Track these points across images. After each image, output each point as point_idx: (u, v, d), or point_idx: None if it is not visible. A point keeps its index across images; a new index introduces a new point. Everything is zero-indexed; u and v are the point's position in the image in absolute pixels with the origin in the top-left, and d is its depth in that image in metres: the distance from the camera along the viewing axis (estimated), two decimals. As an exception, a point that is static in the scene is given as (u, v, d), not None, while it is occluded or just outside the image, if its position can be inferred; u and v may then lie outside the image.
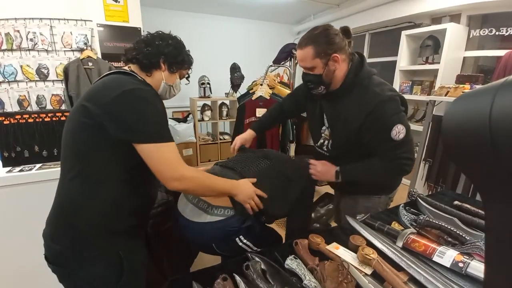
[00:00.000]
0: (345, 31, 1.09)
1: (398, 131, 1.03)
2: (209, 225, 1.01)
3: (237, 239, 1.03)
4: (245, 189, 1.02)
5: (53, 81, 2.72)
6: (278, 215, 1.21)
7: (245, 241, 1.04)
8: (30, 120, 1.69)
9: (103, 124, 0.80)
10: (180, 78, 1.07)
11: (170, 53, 0.96)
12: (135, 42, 0.97)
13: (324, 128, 1.27)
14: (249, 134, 1.44)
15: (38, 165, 1.56)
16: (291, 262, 0.83)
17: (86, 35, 2.73)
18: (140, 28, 2.93)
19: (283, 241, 1.21)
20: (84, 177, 0.84)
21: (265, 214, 1.10)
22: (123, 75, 0.90)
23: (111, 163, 0.84)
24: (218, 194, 1.00)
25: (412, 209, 1.18)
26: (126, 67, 0.97)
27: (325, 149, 1.28)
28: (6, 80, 2.56)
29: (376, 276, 0.80)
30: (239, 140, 1.41)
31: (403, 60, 3.47)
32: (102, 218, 0.85)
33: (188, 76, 1.11)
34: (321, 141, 1.30)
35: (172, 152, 0.85)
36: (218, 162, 1.26)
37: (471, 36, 3.03)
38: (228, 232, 1.02)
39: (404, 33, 3.37)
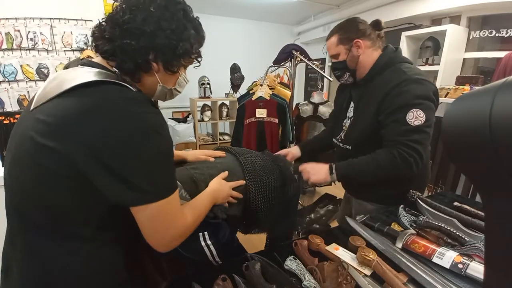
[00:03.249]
0: (376, 23, 1.11)
1: (416, 116, 0.93)
2: None
3: (200, 234, 0.86)
4: (221, 190, 0.85)
5: (53, 80, 2.72)
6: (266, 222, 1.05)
7: (209, 242, 0.87)
8: (30, 120, 1.68)
9: (86, 176, 0.53)
10: (186, 67, 0.75)
11: (166, 45, 0.62)
12: (105, 22, 0.62)
13: (345, 121, 1.27)
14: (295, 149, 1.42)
15: (37, 165, 1.54)
16: (290, 263, 0.83)
17: (86, 35, 2.73)
18: (140, 28, 2.93)
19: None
20: (71, 237, 0.59)
21: (257, 222, 1.01)
22: (106, 85, 0.57)
23: (109, 222, 0.61)
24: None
25: (411, 210, 1.18)
26: (102, 61, 0.63)
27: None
28: (6, 79, 2.56)
29: (376, 277, 0.80)
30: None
31: (403, 61, 3.47)
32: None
33: (198, 56, 0.74)
34: (341, 134, 1.28)
35: (177, 202, 0.62)
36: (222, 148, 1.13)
37: (471, 37, 3.03)
38: None
39: (404, 34, 3.37)
